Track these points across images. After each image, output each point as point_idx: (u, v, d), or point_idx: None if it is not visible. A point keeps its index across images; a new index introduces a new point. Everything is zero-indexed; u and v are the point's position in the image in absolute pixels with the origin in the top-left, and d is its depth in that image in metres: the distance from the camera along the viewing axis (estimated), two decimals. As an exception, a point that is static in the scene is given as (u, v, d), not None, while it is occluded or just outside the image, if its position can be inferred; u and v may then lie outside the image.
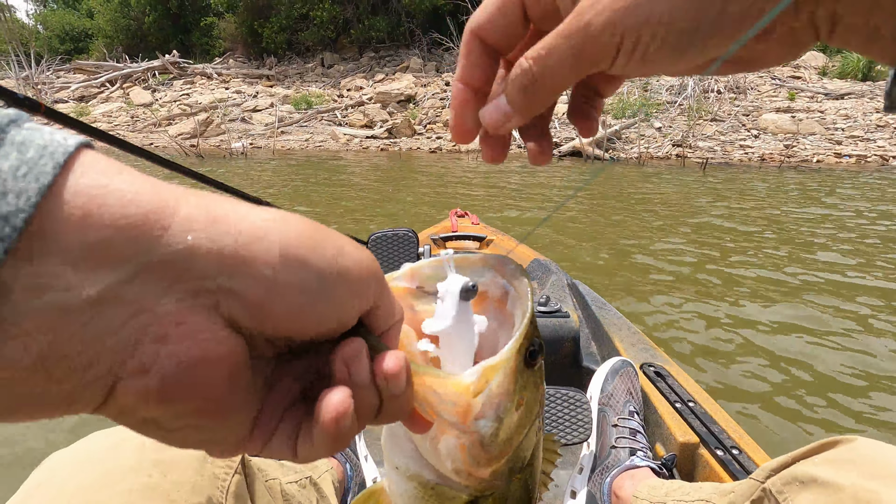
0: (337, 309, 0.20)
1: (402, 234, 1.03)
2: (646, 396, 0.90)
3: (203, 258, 0.17)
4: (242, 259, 0.17)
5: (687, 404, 0.86)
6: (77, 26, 18.66)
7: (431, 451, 0.27)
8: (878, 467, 0.40)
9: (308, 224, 0.20)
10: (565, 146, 7.78)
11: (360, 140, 9.41)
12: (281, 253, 0.18)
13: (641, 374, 0.95)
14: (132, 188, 0.16)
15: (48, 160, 0.15)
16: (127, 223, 0.15)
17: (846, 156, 7.06)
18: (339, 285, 0.19)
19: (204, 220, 0.17)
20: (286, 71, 15.49)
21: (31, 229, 0.14)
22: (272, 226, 0.18)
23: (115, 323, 0.16)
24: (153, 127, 10.26)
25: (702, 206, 4.33)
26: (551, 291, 1.22)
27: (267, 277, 0.18)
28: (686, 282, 2.50)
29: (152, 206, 0.16)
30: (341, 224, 3.81)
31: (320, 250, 0.19)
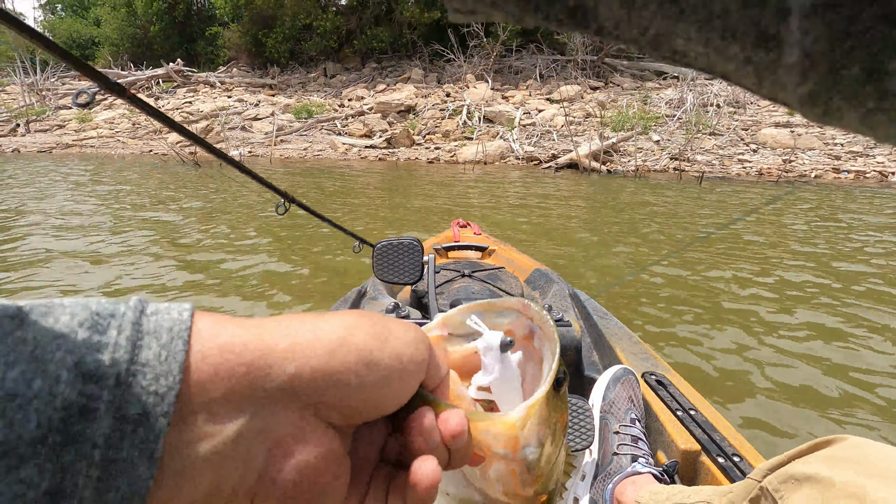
0: (406, 389, 0.25)
1: (408, 242, 1.05)
2: (647, 405, 0.90)
3: (301, 381, 0.21)
4: (329, 374, 0.21)
5: (688, 412, 0.87)
6: (84, 34, 18.89)
7: (481, 477, 0.31)
8: (866, 464, 0.43)
9: (368, 323, 0.24)
10: (562, 158, 7.76)
11: (359, 149, 9.42)
12: (357, 360, 0.22)
13: (643, 383, 0.96)
14: (240, 340, 0.20)
15: (178, 341, 0.19)
16: (244, 371, 0.20)
17: (845, 171, 7.02)
18: (406, 373, 0.24)
19: (295, 349, 0.21)
20: (289, 80, 15.61)
21: (179, 400, 0.18)
22: (344, 335, 0.23)
23: (253, 451, 0.20)
24: (153, 134, 10.31)
25: (701, 216, 4.29)
26: (553, 301, 1.23)
27: (351, 384, 0.22)
28: (692, 293, 2.45)
29: (258, 350, 0.20)
30: (337, 231, 3.78)
31: (387, 347, 0.24)
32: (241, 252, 2.99)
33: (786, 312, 2.28)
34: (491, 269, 1.43)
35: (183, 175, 6.66)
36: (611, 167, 7.53)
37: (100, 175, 6.64)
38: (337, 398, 0.22)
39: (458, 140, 9.69)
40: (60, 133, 10.55)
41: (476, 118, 10.49)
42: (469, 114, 10.74)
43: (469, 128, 10.24)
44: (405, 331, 0.25)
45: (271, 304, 2.28)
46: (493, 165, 8.31)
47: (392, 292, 1.41)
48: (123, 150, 9.23)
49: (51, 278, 2.57)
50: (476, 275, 1.35)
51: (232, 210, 4.33)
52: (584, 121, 9.97)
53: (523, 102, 11.38)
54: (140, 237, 3.30)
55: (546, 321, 0.36)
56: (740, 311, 2.28)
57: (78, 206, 4.44)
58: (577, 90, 11.74)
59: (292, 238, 3.33)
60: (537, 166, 8.03)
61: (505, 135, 9.56)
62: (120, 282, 2.54)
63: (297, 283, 2.54)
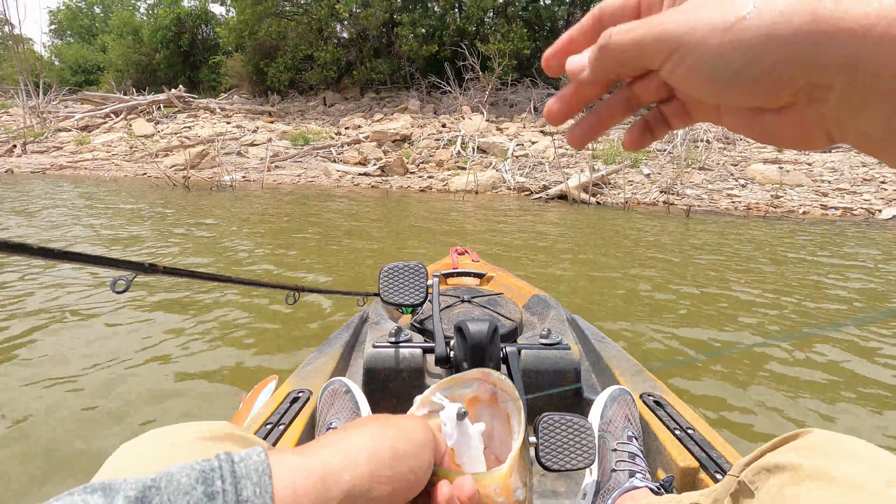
0: (424, 479, 0.32)
1: (413, 266, 1.08)
2: (646, 424, 0.92)
3: (355, 487, 0.28)
4: (373, 475, 0.29)
5: (686, 431, 0.88)
6: (90, 59, 19.29)
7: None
8: (829, 449, 0.47)
9: (387, 426, 0.32)
10: (553, 189, 7.81)
11: (352, 177, 9.48)
12: (391, 457, 0.30)
13: (641, 404, 0.98)
14: (304, 466, 0.28)
15: (264, 477, 0.26)
16: (313, 487, 0.27)
17: (832, 208, 7.06)
18: (424, 458, 0.32)
19: (345, 463, 0.29)
20: (288, 108, 15.86)
21: None
22: (370, 445, 0.30)
23: None
24: (149, 157, 10.38)
25: (689, 247, 4.28)
26: (552, 325, 1.24)
27: (387, 493, 0.29)
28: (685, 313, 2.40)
29: (319, 469, 0.28)
30: (330, 256, 3.75)
31: (406, 443, 0.32)
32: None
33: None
34: (490, 294, 1.45)
35: (174, 202, 6.65)
36: (600, 199, 7.57)
37: (91, 198, 6.63)
38: (382, 491, 0.29)
39: (451, 169, 9.78)
40: (57, 154, 10.61)
41: (470, 148, 10.62)
42: (463, 144, 10.87)
43: (463, 158, 10.35)
44: (416, 428, 0.33)
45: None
46: (484, 195, 8.36)
47: (393, 317, 1.43)
48: (117, 173, 9.26)
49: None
50: (475, 300, 1.38)
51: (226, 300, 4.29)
52: (576, 153, 10.10)
53: (517, 134, 11.55)
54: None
55: (505, 383, 0.46)
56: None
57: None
58: (571, 122, 11.91)
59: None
60: (528, 196, 8.08)
61: (498, 165, 9.65)
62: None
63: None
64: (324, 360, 1.16)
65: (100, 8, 23.11)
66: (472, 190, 8.47)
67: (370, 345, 1.08)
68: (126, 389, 1.84)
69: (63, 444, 1.49)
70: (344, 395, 0.93)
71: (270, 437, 0.86)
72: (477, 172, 9.18)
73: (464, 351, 0.85)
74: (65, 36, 22.76)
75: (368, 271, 3.49)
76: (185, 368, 2.04)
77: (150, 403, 1.76)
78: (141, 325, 2.45)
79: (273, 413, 0.94)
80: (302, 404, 0.97)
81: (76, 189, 7.35)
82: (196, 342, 2.29)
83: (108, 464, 0.45)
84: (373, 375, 1.05)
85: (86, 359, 2.06)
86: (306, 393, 1.01)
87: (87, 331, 2.33)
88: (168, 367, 2.05)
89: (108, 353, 2.13)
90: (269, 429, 0.88)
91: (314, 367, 1.13)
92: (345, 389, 0.94)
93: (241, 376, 1.97)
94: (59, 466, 1.39)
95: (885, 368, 2.14)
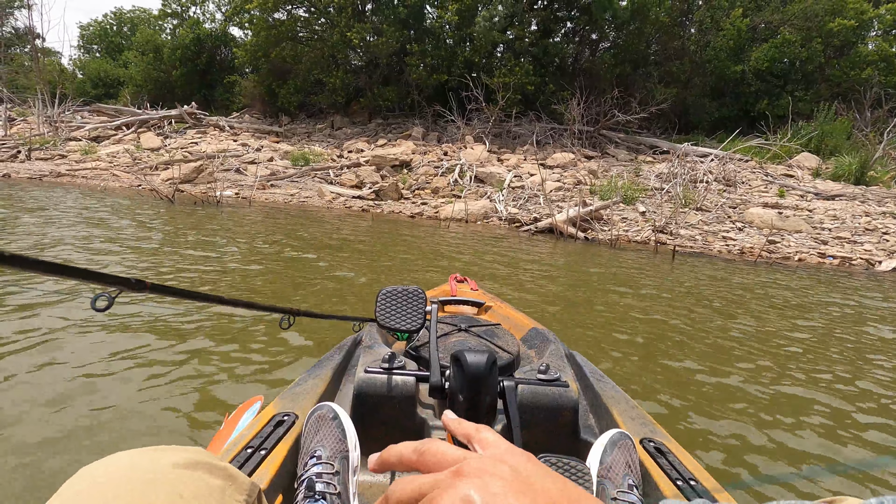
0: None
1: (412, 290, 1.05)
2: (646, 471, 0.89)
3: None
4: None
5: (689, 482, 0.84)
6: (112, 74, 19.92)
7: None
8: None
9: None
10: (542, 223, 7.67)
11: (345, 199, 9.45)
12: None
13: (641, 449, 0.94)
14: None
15: None
16: None
17: (830, 256, 6.80)
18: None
19: None
20: (295, 129, 16.10)
21: None
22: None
23: None
24: (148, 169, 10.49)
25: (655, 287, 4.07)
26: (550, 360, 1.22)
27: None
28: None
29: None
30: (313, 276, 3.62)
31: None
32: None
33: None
34: (488, 325, 1.43)
35: (147, 213, 6.63)
36: (590, 235, 7.39)
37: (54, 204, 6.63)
38: None
39: (446, 197, 9.71)
40: (59, 162, 10.78)
41: (468, 177, 10.58)
42: (461, 173, 10.84)
43: (459, 186, 10.29)
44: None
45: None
46: (474, 224, 8.24)
47: (388, 342, 1.40)
48: (112, 183, 9.34)
49: None
50: (473, 329, 1.36)
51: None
52: (573, 188, 9.99)
53: (517, 165, 11.51)
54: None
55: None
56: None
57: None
58: (571, 158, 11.89)
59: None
60: (518, 228, 7.94)
61: (493, 195, 9.56)
62: None
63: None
64: (313, 383, 1.11)
65: (129, 27, 24.03)
66: (462, 218, 8.35)
67: (362, 369, 1.03)
68: (98, 406, 1.78)
69: (34, 463, 1.44)
70: (331, 422, 0.88)
71: (251, 463, 0.81)
72: (470, 201, 9.09)
73: (460, 382, 0.82)
74: (92, 51, 23.63)
75: (331, 290, 3.34)
76: (164, 384, 1.98)
77: (121, 420, 1.69)
78: (116, 340, 2.38)
79: (255, 436, 0.88)
80: (287, 428, 0.92)
81: (62, 196, 7.39)
82: (176, 359, 2.22)
83: (69, 487, 0.41)
84: (362, 401, 1.01)
85: (59, 376, 1.99)
86: (292, 416, 0.96)
87: (59, 352, 2.23)
88: (146, 381, 1.99)
89: (79, 367, 2.07)
90: (250, 453, 0.83)
91: (302, 389, 1.08)
92: (332, 415, 0.89)
93: (223, 395, 1.91)
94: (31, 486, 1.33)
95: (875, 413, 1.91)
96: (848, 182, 10.50)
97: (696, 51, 14.72)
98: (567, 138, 13.31)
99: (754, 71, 14.18)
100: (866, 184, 10.40)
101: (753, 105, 13.97)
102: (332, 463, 0.79)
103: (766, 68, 14.03)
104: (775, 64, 14.06)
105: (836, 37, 13.69)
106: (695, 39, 14.99)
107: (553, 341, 1.38)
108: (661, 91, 13.59)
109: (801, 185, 10.28)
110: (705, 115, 14.50)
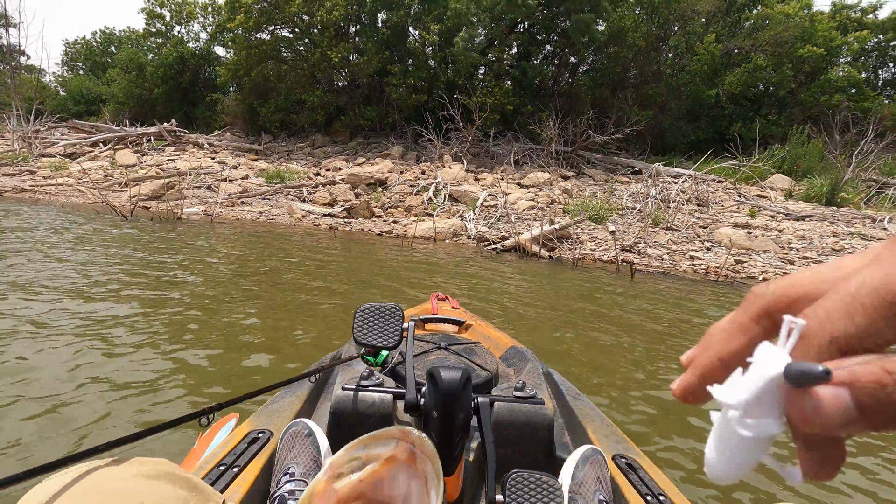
0: None
1: (390, 307, 1.07)
2: (617, 487, 0.90)
3: None
4: None
5: (658, 497, 0.86)
6: (94, 91, 19.86)
7: None
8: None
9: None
10: (509, 241, 7.59)
11: (315, 217, 9.33)
12: None
13: (613, 465, 0.96)
14: None
15: None
16: None
17: (795, 277, 6.75)
18: None
19: None
20: (275, 147, 16.06)
21: None
22: None
23: None
24: (117, 185, 10.33)
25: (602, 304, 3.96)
26: (528, 378, 1.23)
27: None
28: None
29: None
30: (278, 298, 3.46)
31: None
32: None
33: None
34: (467, 343, 1.43)
35: (87, 229, 6.46)
36: (555, 254, 7.31)
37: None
38: None
39: (418, 215, 9.63)
40: (26, 178, 10.59)
41: (442, 196, 10.53)
42: (436, 191, 10.80)
43: (433, 204, 10.23)
44: None
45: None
46: (443, 242, 8.13)
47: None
48: (77, 199, 9.16)
49: None
50: (452, 348, 1.37)
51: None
52: (547, 207, 9.96)
53: (493, 185, 11.50)
54: None
55: (425, 444, 0.46)
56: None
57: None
58: (548, 177, 11.91)
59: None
60: (486, 246, 7.85)
61: (465, 214, 9.50)
62: None
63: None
64: (290, 400, 1.11)
65: (116, 46, 24.10)
66: (430, 237, 8.25)
67: (339, 387, 1.03)
68: (69, 417, 1.72)
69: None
70: (305, 439, 0.88)
71: (223, 480, 0.80)
72: (440, 220, 9.00)
73: (434, 399, 0.82)
74: (76, 69, 23.61)
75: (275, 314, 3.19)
76: (136, 398, 1.90)
77: (89, 434, 1.63)
78: (90, 346, 2.31)
79: (228, 454, 0.88)
80: (261, 446, 0.92)
81: (3, 211, 7.20)
82: (147, 371, 2.15)
83: (30, 499, 0.40)
84: (339, 419, 1.00)
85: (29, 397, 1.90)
86: (267, 433, 0.96)
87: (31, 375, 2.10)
88: (116, 393, 1.92)
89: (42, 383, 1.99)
90: (223, 471, 0.83)
91: (279, 406, 1.08)
92: (307, 432, 0.89)
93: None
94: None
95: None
96: (819, 203, 10.59)
97: (671, 74, 14.99)
98: (544, 158, 13.37)
99: (728, 95, 14.44)
100: (837, 205, 10.49)
101: (728, 128, 14.18)
102: (306, 480, 0.79)
103: (740, 92, 14.29)
104: (749, 88, 14.34)
105: (806, 63, 14.02)
106: (671, 63, 15.28)
107: (531, 359, 1.40)
108: (636, 113, 13.76)
109: (772, 205, 10.34)
110: (681, 138, 14.68)
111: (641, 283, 5.66)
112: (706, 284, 6.09)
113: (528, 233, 7.36)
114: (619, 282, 5.67)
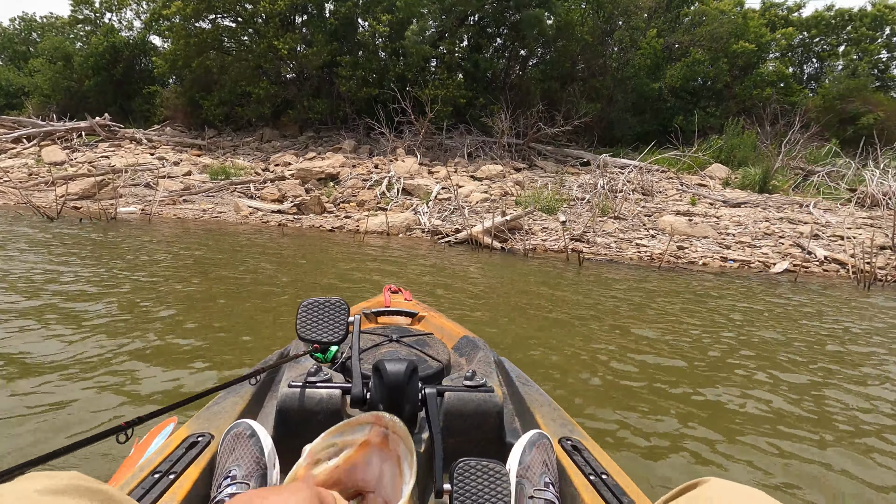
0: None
1: (334, 302, 1.06)
2: (563, 469, 0.92)
3: None
4: None
5: (601, 476, 0.89)
6: (15, 83, 18.33)
7: None
8: (724, 500, 0.49)
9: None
10: (462, 234, 7.61)
11: (263, 214, 9.02)
12: None
13: (559, 448, 0.97)
14: None
15: None
16: None
17: (731, 260, 7.15)
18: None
19: None
20: (220, 142, 15.38)
21: None
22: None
23: None
24: (43, 185, 9.59)
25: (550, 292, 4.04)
26: (478, 366, 1.23)
27: None
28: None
29: None
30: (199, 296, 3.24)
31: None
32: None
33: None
34: (419, 335, 1.43)
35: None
36: (507, 245, 7.40)
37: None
38: None
39: (371, 210, 9.49)
40: (-64, 178, 9.65)
41: (395, 190, 10.42)
42: (389, 185, 10.68)
43: (386, 199, 10.11)
44: (291, 498, 0.38)
45: None
46: (396, 237, 8.06)
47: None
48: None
49: None
50: (404, 340, 1.36)
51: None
52: (499, 199, 10.06)
53: (447, 178, 11.49)
54: None
55: (398, 426, 0.52)
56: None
57: None
58: (501, 170, 12.03)
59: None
60: (439, 239, 7.84)
61: (418, 207, 9.44)
62: None
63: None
64: (233, 401, 1.06)
65: (38, 34, 22.31)
66: (383, 231, 8.16)
67: (286, 384, 1.00)
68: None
69: None
70: (248, 440, 0.84)
71: (157, 489, 0.76)
72: (394, 214, 8.91)
73: (381, 392, 0.82)
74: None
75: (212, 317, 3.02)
76: (63, 406, 1.79)
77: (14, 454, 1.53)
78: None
79: (164, 460, 0.84)
80: (200, 450, 0.87)
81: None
82: (66, 388, 1.99)
83: None
84: (285, 418, 0.97)
85: None
86: (206, 437, 0.92)
87: None
88: (40, 397, 1.82)
89: None
90: (158, 478, 0.78)
91: (220, 408, 1.03)
92: (249, 433, 0.85)
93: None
94: None
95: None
96: (753, 190, 11.24)
97: (617, 68, 15.44)
98: (496, 151, 13.49)
99: (670, 88, 15.04)
100: (769, 192, 11.17)
101: (670, 120, 14.78)
102: (248, 483, 0.76)
103: (680, 86, 14.92)
104: (688, 82, 14.99)
105: (740, 58, 14.80)
106: (616, 57, 15.73)
107: (482, 348, 1.40)
108: (585, 106, 14.10)
109: (711, 193, 10.89)
110: (628, 130, 15.17)
111: (590, 271, 5.82)
112: (650, 270, 6.33)
113: (480, 225, 7.40)
114: (569, 270, 5.80)
